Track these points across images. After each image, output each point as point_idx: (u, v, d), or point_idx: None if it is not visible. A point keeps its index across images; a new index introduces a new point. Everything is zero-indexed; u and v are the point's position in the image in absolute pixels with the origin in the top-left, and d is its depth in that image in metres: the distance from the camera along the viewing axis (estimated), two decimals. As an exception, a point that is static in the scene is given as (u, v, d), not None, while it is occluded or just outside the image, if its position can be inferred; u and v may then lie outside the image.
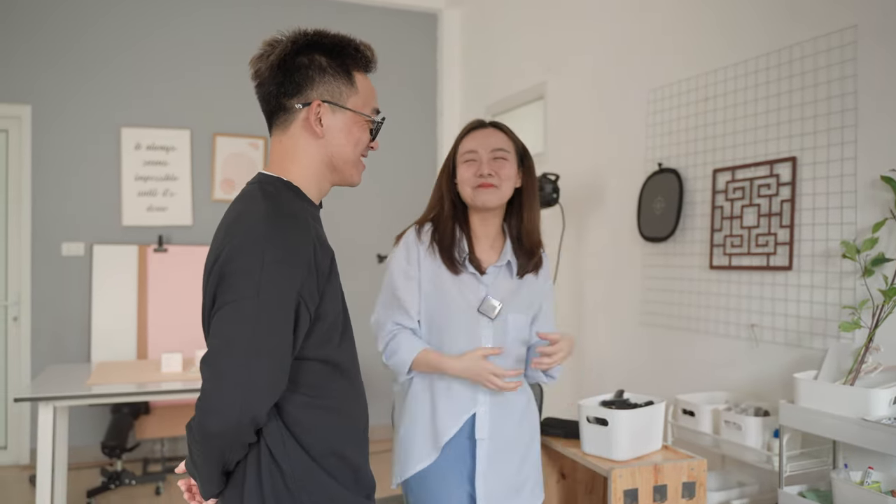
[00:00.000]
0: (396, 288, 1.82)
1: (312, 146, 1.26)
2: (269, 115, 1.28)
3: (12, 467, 4.40)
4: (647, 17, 3.34)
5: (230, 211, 1.23)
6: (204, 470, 1.18)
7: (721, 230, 2.86)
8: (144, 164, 4.65)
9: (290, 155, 1.26)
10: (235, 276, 1.12)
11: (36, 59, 4.45)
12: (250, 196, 1.22)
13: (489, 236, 1.85)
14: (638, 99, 3.37)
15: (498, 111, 4.80)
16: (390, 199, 5.21)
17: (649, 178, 3.23)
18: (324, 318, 1.20)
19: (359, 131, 1.29)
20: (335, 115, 1.26)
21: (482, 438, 1.78)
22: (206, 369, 1.11)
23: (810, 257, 2.50)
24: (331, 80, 1.25)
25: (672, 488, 2.17)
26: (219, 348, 1.11)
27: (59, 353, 4.48)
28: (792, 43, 2.58)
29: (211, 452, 1.14)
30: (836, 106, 2.41)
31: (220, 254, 1.16)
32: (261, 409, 1.11)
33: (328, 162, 1.28)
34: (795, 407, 2.19)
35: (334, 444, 1.23)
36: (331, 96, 1.25)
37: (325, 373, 1.23)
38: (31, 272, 4.46)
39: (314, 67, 1.24)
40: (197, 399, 1.13)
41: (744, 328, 2.76)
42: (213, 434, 1.10)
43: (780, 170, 2.62)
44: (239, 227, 1.17)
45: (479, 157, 1.80)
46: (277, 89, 1.24)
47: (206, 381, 1.11)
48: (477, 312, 1.78)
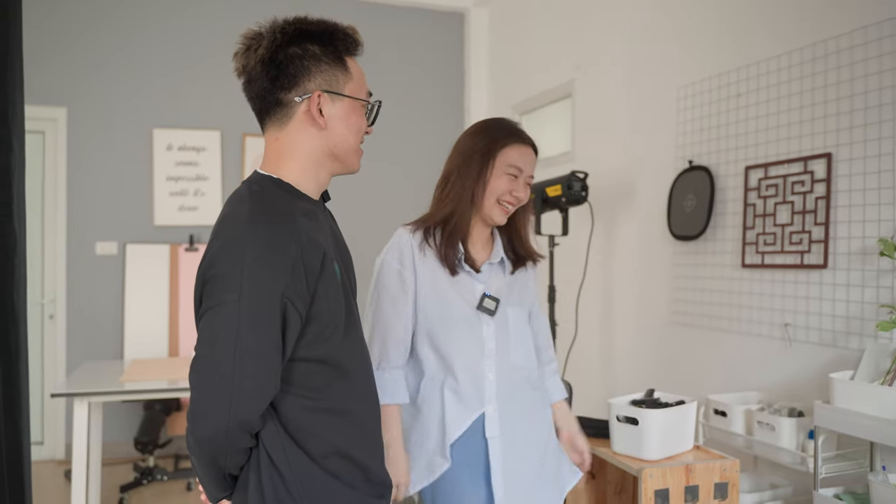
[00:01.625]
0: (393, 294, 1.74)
1: (314, 139, 1.21)
2: (263, 112, 1.23)
3: (48, 462, 4.50)
4: (676, 13, 3.31)
5: (220, 213, 1.21)
6: (202, 474, 1.17)
7: (753, 228, 2.82)
8: (176, 164, 4.72)
9: (288, 151, 1.22)
10: (217, 279, 1.09)
11: (71, 63, 4.54)
12: (238, 197, 1.19)
13: (481, 236, 1.82)
14: (667, 96, 3.33)
15: (525, 110, 4.79)
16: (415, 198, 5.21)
17: (679, 175, 3.19)
18: (317, 317, 1.16)
19: (357, 118, 1.25)
20: (335, 104, 1.22)
21: (493, 436, 1.73)
22: (193, 375, 1.10)
23: (846, 255, 2.45)
24: (327, 69, 1.21)
25: (704, 489, 2.14)
26: (203, 353, 1.09)
27: (93, 350, 4.57)
28: (827, 37, 2.53)
29: (204, 458, 1.12)
30: (874, 100, 2.36)
31: (204, 258, 1.14)
32: (250, 413, 1.09)
33: (329, 152, 1.23)
34: (831, 408, 2.14)
35: (338, 445, 1.19)
36: (329, 85, 1.21)
37: (322, 373, 1.19)
38: (67, 271, 4.56)
39: (308, 57, 1.19)
40: (188, 407, 1.11)
41: (777, 327, 2.72)
42: (204, 440, 1.09)
43: (815, 166, 2.57)
44: (223, 230, 1.15)
45: (520, 179, 1.75)
46: (272, 84, 1.19)
47: (192, 388, 1.10)
48: (476, 311, 1.75)
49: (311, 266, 1.13)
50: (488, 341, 1.74)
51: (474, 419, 1.72)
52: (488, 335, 1.74)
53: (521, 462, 1.75)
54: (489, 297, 1.75)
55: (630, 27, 3.65)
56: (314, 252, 1.14)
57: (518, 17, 4.89)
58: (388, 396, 1.71)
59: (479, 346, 1.73)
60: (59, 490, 4.00)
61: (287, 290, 1.10)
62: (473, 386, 1.72)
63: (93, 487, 3.29)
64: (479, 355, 1.73)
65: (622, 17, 3.72)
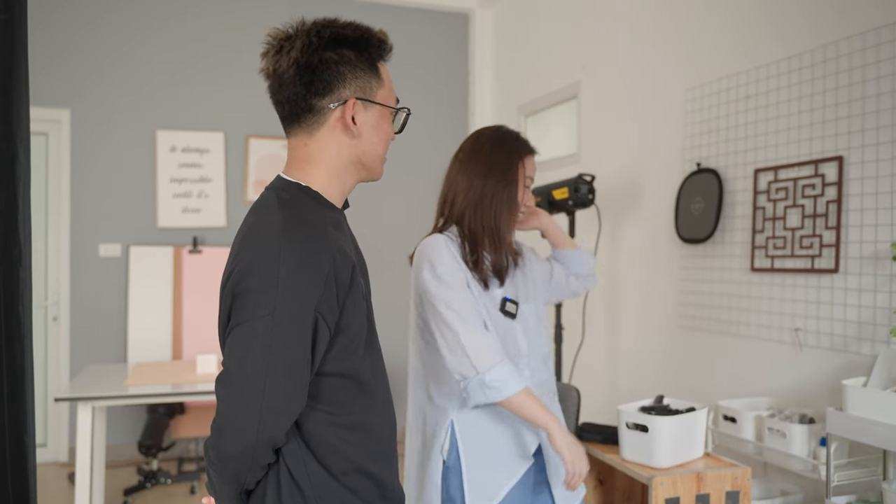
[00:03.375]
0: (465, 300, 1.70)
1: (344, 146, 1.19)
2: (292, 117, 1.19)
3: (52, 465, 4.48)
4: (684, 14, 3.28)
5: (246, 221, 1.17)
6: (222, 490, 1.14)
7: (763, 231, 2.79)
8: (179, 166, 4.70)
9: (316, 158, 1.19)
10: (249, 294, 1.06)
11: (75, 65, 4.52)
12: (265, 205, 1.15)
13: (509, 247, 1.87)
14: (675, 97, 3.31)
15: (530, 111, 4.76)
16: (420, 200, 5.20)
17: (687, 178, 3.16)
18: (345, 331, 1.14)
19: (387, 125, 1.24)
20: (367, 112, 1.19)
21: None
22: (221, 390, 1.07)
23: (858, 259, 2.42)
24: (361, 75, 1.18)
25: (715, 497, 2.11)
26: (233, 369, 1.06)
27: (96, 352, 4.55)
28: (838, 38, 2.50)
29: (227, 474, 1.10)
30: (887, 103, 2.33)
31: (233, 269, 1.10)
32: (278, 430, 1.08)
33: (357, 161, 1.21)
34: (844, 415, 2.12)
35: (358, 461, 1.17)
36: (363, 92, 1.18)
37: (347, 388, 1.17)
38: (70, 273, 4.54)
39: (344, 63, 1.16)
40: (212, 421, 1.09)
41: (787, 332, 2.69)
42: (230, 457, 1.07)
43: (826, 169, 2.54)
44: (252, 241, 1.11)
45: (529, 186, 1.86)
46: (306, 89, 1.15)
47: (220, 403, 1.07)
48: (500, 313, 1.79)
49: (342, 280, 1.11)
50: (520, 342, 1.79)
51: None
52: (520, 336, 1.79)
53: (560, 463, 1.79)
54: (509, 300, 1.79)
55: (637, 28, 3.63)
56: (345, 266, 1.12)
57: (523, 18, 4.87)
58: (509, 388, 1.63)
59: (516, 349, 1.78)
60: (63, 493, 3.99)
61: (320, 304, 1.08)
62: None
63: (97, 490, 3.28)
64: (516, 356, 1.77)
65: (629, 18, 3.69)
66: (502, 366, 1.64)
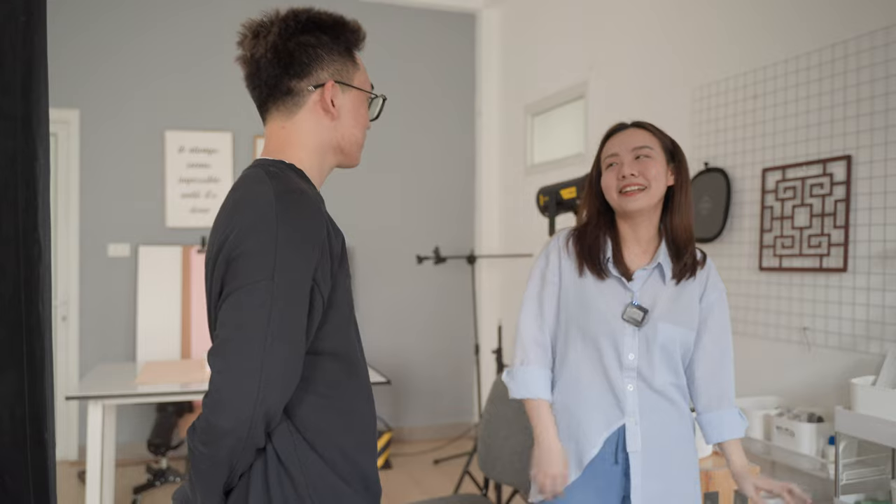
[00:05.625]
0: (535, 294, 1.73)
1: (323, 129, 1.19)
2: (269, 100, 1.19)
3: (62, 463, 4.51)
4: (691, 13, 3.28)
5: (229, 199, 1.14)
6: (208, 479, 1.07)
7: (771, 231, 2.79)
8: (188, 166, 4.73)
9: (294, 141, 1.19)
10: (247, 257, 1.03)
11: (84, 66, 4.55)
12: (253, 179, 1.12)
13: (641, 240, 1.68)
14: (683, 97, 3.31)
15: (537, 111, 4.77)
16: (428, 200, 5.22)
17: (695, 177, 3.16)
18: (337, 306, 1.11)
19: (364, 110, 1.24)
20: (345, 95, 1.20)
21: (634, 451, 1.60)
22: (217, 360, 1.02)
23: (866, 258, 2.42)
24: (338, 58, 1.19)
25: (724, 496, 2.11)
26: (230, 336, 1.01)
27: (106, 351, 4.58)
28: (847, 38, 2.50)
29: (219, 456, 1.03)
30: (894, 102, 2.33)
31: (226, 239, 1.07)
32: (276, 402, 1.02)
33: (336, 144, 1.21)
34: (853, 414, 2.12)
35: (347, 448, 1.14)
36: (340, 76, 1.20)
37: (339, 370, 1.14)
38: (79, 273, 4.57)
39: (321, 45, 1.17)
40: (204, 396, 1.03)
41: (795, 331, 2.69)
42: (224, 432, 1.00)
43: (834, 169, 2.54)
44: (245, 209, 1.08)
45: (621, 160, 1.65)
46: (284, 72, 1.16)
47: (216, 373, 1.01)
48: (622, 320, 1.62)
49: (335, 252, 1.10)
50: (628, 354, 1.62)
51: (613, 431, 1.62)
52: (629, 347, 1.62)
53: (661, 479, 1.61)
54: (636, 306, 1.62)
55: (644, 27, 3.63)
56: (337, 239, 1.11)
57: (530, 17, 4.87)
58: (526, 391, 1.67)
59: (618, 356, 1.62)
60: (73, 491, 4.01)
61: (316, 272, 1.06)
62: (612, 396, 1.63)
63: (106, 489, 3.30)
64: (617, 368, 1.62)
65: (636, 18, 3.70)
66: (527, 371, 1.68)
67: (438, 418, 5.20)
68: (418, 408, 5.17)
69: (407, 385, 5.14)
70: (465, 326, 5.21)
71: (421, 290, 5.16)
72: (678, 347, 1.64)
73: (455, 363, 5.22)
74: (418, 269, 5.09)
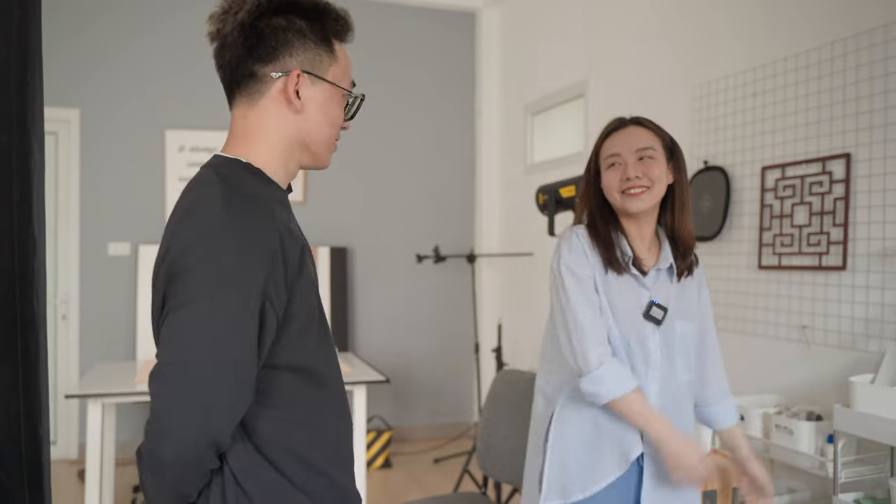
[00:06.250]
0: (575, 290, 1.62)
1: (286, 122, 1.09)
2: (233, 84, 1.10)
3: (62, 462, 4.51)
4: (690, 12, 3.28)
5: (181, 201, 1.06)
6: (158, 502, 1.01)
7: (770, 229, 2.79)
8: (188, 165, 4.73)
9: (255, 132, 1.09)
10: (187, 273, 0.95)
11: (84, 65, 4.55)
12: (203, 182, 1.04)
13: (645, 239, 1.68)
14: (682, 95, 3.31)
15: (537, 110, 4.77)
16: (428, 199, 5.22)
17: (695, 176, 3.16)
18: (294, 318, 1.02)
19: (336, 108, 1.13)
20: (314, 88, 1.10)
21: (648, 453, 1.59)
22: (156, 385, 0.94)
23: (866, 257, 2.42)
24: (311, 47, 1.09)
25: (722, 493, 2.11)
26: (170, 360, 0.94)
27: (106, 350, 4.58)
28: (846, 35, 2.50)
29: (166, 484, 0.97)
30: (894, 100, 2.33)
31: (169, 248, 1.00)
32: (223, 430, 0.96)
33: (301, 140, 1.11)
34: (851, 412, 2.12)
35: (314, 461, 1.07)
36: (311, 66, 1.09)
37: (299, 382, 1.06)
38: (80, 272, 4.57)
39: (293, 30, 1.07)
40: (146, 423, 0.96)
41: (794, 330, 2.69)
42: (168, 463, 0.94)
43: (833, 167, 2.54)
44: (191, 217, 1.00)
45: (624, 161, 1.63)
46: (248, 53, 1.07)
47: (156, 400, 0.94)
48: (642, 318, 1.62)
49: (291, 261, 1.01)
50: (654, 352, 1.62)
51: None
52: (653, 344, 1.62)
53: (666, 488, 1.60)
54: (657, 305, 1.62)
55: (644, 27, 3.63)
56: (294, 245, 1.02)
57: (530, 16, 4.87)
58: (619, 387, 1.54)
59: (643, 353, 1.61)
60: (73, 490, 4.02)
61: (266, 286, 0.97)
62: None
63: (106, 487, 3.30)
64: (644, 366, 1.61)
65: (636, 16, 3.70)
66: (606, 367, 1.56)
67: (438, 417, 5.20)
68: (418, 407, 5.17)
69: (407, 384, 5.14)
70: (465, 325, 5.21)
71: (421, 289, 5.16)
72: (692, 342, 1.68)
73: (455, 362, 5.22)
74: (418, 269, 5.09)
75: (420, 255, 4.72)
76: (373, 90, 5.10)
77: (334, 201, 4.97)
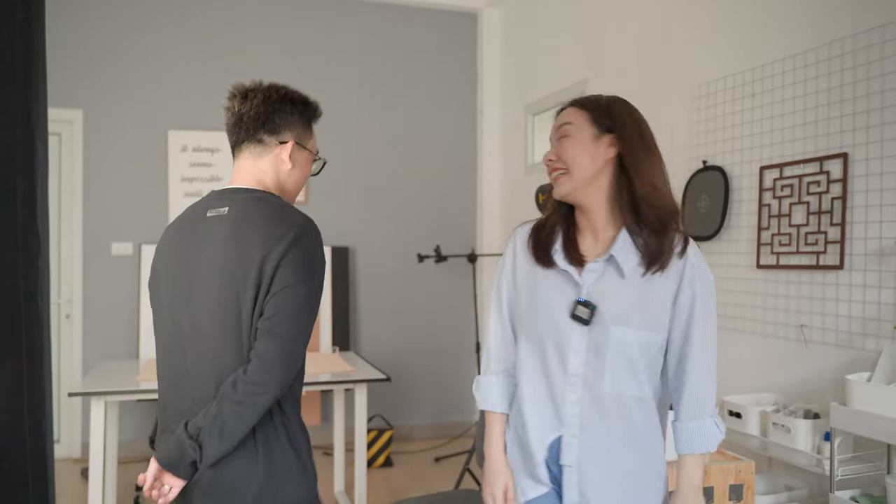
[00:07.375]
0: (496, 296, 1.63)
1: (280, 173, 1.60)
2: (244, 144, 1.58)
3: (65, 460, 4.54)
4: (690, 12, 3.29)
5: (251, 212, 1.48)
6: (234, 429, 1.40)
7: (768, 228, 2.81)
8: (190, 165, 4.75)
9: (262, 177, 1.58)
10: (296, 263, 1.42)
11: (87, 66, 4.58)
12: (267, 199, 1.52)
13: (596, 229, 1.49)
14: (682, 96, 3.32)
15: (538, 110, 4.79)
16: (430, 199, 5.23)
17: (693, 175, 3.18)
18: None
19: (308, 167, 1.65)
20: (300, 153, 1.61)
21: (569, 466, 1.45)
22: (274, 343, 1.40)
23: (863, 256, 2.44)
24: (301, 126, 1.61)
25: (719, 490, 2.13)
26: (288, 328, 1.41)
27: (109, 349, 4.61)
28: (844, 36, 2.51)
29: (259, 405, 1.40)
30: (891, 100, 2.34)
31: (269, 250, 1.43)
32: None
33: (282, 186, 1.61)
34: (848, 409, 2.13)
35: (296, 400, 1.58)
36: (299, 138, 1.61)
37: None
38: (83, 271, 4.60)
39: (291, 115, 1.59)
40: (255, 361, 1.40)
41: (792, 328, 2.70)
42: (282, 383, 1.41)
43: (831, 166, 2.55)
44: (286, 221, 1.47)
45: (552, 140, 1.52)
46: (261, 127, 1.56)
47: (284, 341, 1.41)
48: (569, 319, 1.45)
49: None
50: (574, 357, 1.44)
51: (551, 441, 1.48)
52: (575, 350, 1.44)
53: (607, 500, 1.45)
54: (582, 302, 1.44)
55: (643, 26, 3.64)
56: None
57: (531, 17, 4.89)
58: (484, 402, 1.59)
59: (563, 358, 1.45)
60: (76, 488, 4.04)
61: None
62: (552, 404, 1.48)
63: (109, 486, 3.32)
64: (560, 372, 1.46)
65: (636, 17, 3.71)
66: (487, 380, 1.61)
67: (439, 416, 5.21)
68: (419, 406, 5.18)
69: (408, 383, 5.16)
70: (465, 325, 5.22)
71: (422, 288, 5.18)
72: (640, 353, 1.44)
73: (456, 361, 5.23)
74: (419, 268, 5.11)
75: (421, 255, 4.74)
76: (375, 90, 5.13)
77: (336, 201, 5.00)
